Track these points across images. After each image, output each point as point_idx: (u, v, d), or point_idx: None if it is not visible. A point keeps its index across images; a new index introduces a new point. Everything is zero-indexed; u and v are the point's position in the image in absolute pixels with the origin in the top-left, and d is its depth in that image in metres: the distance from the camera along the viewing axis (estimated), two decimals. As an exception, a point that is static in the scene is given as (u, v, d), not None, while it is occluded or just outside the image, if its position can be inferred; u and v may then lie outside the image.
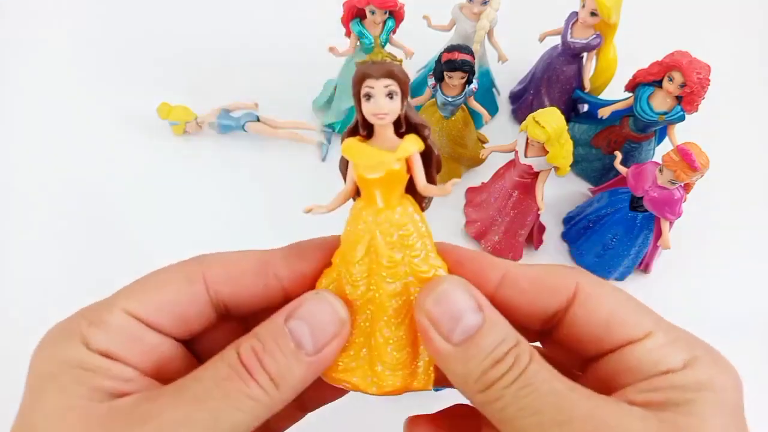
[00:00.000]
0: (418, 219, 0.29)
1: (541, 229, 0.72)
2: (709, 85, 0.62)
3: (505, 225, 0.69)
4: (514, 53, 0.75)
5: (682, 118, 0.66)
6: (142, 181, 0.75)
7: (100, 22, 0.92)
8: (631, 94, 0.69)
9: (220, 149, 0.78)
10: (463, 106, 0.70)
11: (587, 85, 0.76)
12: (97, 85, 0.84)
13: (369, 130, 0.29)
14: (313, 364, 0.27)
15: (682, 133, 0.67)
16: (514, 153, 0.64)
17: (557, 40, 0.76)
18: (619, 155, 0.68)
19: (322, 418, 0.36)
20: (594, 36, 0.72)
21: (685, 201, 0.61)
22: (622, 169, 0.66)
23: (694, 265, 0.72)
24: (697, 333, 0.27)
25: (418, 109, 0.72)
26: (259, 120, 0.77)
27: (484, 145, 0.77)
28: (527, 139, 0.61)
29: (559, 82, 0.77)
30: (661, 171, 0.60)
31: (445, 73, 0.64)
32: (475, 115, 0.73)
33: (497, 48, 0.75)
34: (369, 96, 0.27)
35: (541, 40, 0.77)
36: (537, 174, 0.63)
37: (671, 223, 0.63)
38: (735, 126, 0.85)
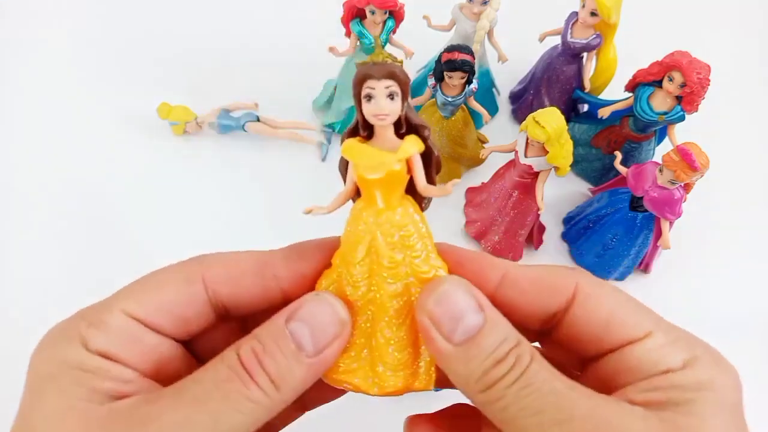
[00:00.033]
0: (418, 219, 0.29)
1: (541, 229, 0.72)
2: (709, 85, 0.62)
3: (505, 225, 0.69)
4: (514, 53, 0.75)
5: (682, 118, 0.66)
6: (142, 181, 0.75)
7: (100, 22, 0.92)
8: (631, 94, 0.69)
9: (220, 149, 0.78)
10: (463, 106, 0.70)
11: (587, 85, 0.76)
12: (97, 85, 0.84)
13: (369, 131, 0.28)
14: (314, 365, 0.27)
15: (682, 133, 0.67)
16: (514, 153, 0.64)
17: (557, 40, 0.76)
18: (619, 155, 0.68)
19: (322, 417, 0.36)
20: (594, 36, 0.72)
21: (685, 201, 0.61)
22: (622, 169, 0.66)
23: (694, 265, 0.72)
24: (697, 333, 0.27)
25: (418, 109, 0.72)
26: (259, 120, 0.77)
27: (484, 145, 0.77)
28: (527, 139, 0.61)
29: (559, 82, 0.77)
30: (661, 171, 0.60)
31: (445, 73, 0.64)
32: (475, 115, 0.73)
33: (497, 48, 0.75)
34: (370, 97, 0.27)
35: (541, 40, 0.77)
36: (537, 174, 0.63)
37: (671, 223, 0.63)
38: (735, 126, 0.85)
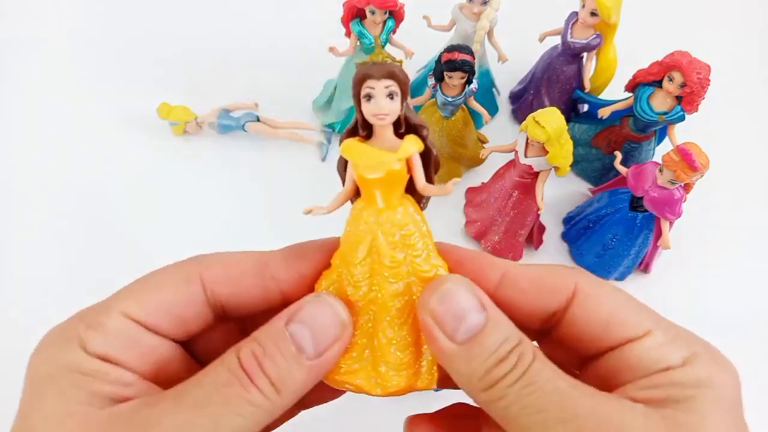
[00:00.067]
0: (419, 219, 0.29)
1: (541, 229, 0.72)
2: (709, 85, 0.62)
3: (505, 225, 0.69)
4: (514, 53, 0.75)
5: (682, 118, 0.66)
6: (142, 181, 0.75)
7: (100, 22, 0.92)
8: (631, 94, 0.69)
9: (220, 149, 0.78)
10: (463, 106, 0.70)
11: (587, 85, 0.76)
12: (97, 85, 0.84)
13: (368, 131, 0.28)
14: (315, 368, 0.26)
15: (682, 133, 0.67)
16: (514, 153, 0.64)
17: (557, 40, 0.75)
18: (619, 155, 0.68)
19: (322, 417, 0.36)
20: (594, 36, 0.72)
21: (685, 201, 0.61)
22: (622, 169, 0.66)
23: (694, 265, 0.72)
24: (698, 333, 0.27)
25: (418, 109, 0.73)
26: (259, 120, 0.77)
27: (484, 145, 0.77)
28: (527, 139, 0.61)
29: (559, 82, 0.77)
30: (661, 171, 0.60)
31: (445, 73, 0.64)
32: (475, 115, 0.73)
33: (497, 48, 0.75)
34: (369, 96, 0.27)
35: (541, 40, 0.77)
36: (537, 174, 0.63)
37: (671, 223, 0.63)
38: (735, 126, 0.85)
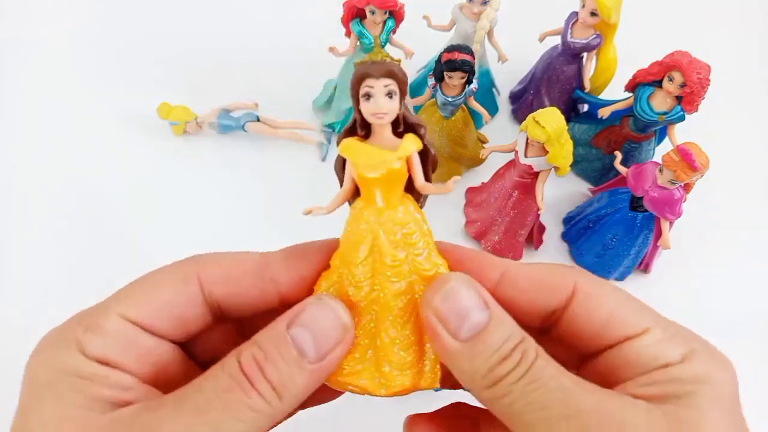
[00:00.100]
0: (419, 218, 0.29)
1: (541, 229, 0.72)
2: (709, 85, 0.62)
3: (505, 225, 0.69)
4: (514, 53, 0.75)
5: (682, 118, 0.66)
6: (142, 181, 0.75)
7: (100, 22, 0.92)
8: (631, 94, 0.69)
9: (220, 149, 0.78)
10: (463, 106, 0.70)
11: (587, 85, 0.76)
12: (97, 85, 0.84)
13: (367, 130, 0.28)
14: (316, 371, 0.26)
15: (682, 133, 0.67)
16: (514, 153, 0.64)
17: (557, 40, 0.75)
18: (619, 155, 0.68)
19: (321, 417, 0.36)
20: (594, 36, 0.72)
21: (685, 201, 0.61)
22: (622, 169, 0.66)
23: (694, 265, 0.72)
24: (698, 333, 0.27)
25: (417, 109, 0.73)
26: (259, 120, 0.77)
27: (484, 145, 0.77)
28: (527, 139, 0.61)
29: (559, 82, 0.77)
30: (661, 171, 0.60)
31: (445, 73, 0.64)
32: (475, 115, 0.73)
33: (497, 48, 0.75)
34: (368, 95, 0.27)
35: (541, 40, 0.77)
36: (537, 174, 0.63)
37: (671, 223, 0.63)
38: (735, 126, 0.84)
